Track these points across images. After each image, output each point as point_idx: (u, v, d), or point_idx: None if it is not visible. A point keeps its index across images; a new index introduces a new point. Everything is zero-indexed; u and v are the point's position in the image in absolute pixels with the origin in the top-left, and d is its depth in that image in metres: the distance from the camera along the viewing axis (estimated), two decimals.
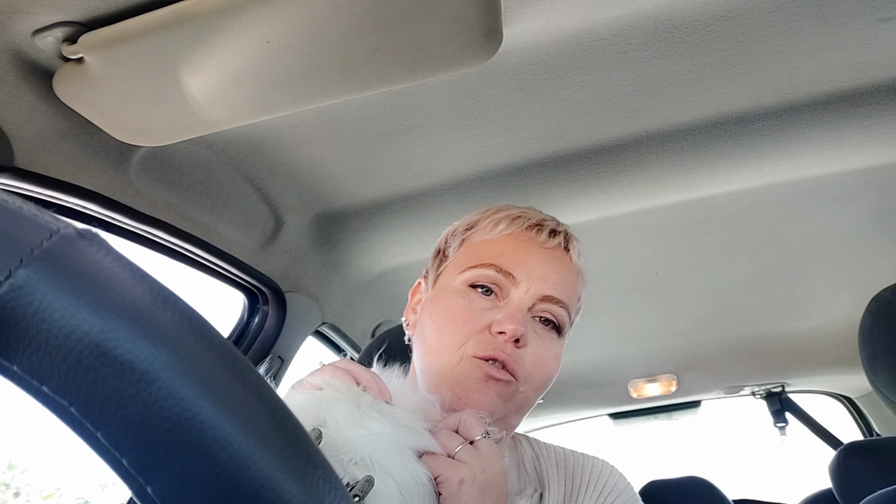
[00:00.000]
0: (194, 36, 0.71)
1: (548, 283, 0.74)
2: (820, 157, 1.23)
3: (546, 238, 0.78)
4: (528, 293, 0.73)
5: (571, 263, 0.79)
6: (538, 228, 0.78)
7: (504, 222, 0.79)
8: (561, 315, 0.75)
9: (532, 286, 0.73)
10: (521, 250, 0.76)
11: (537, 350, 0.72)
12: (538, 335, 0.73)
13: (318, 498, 0.23)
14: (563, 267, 0.77)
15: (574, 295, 0.78)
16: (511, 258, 0.75)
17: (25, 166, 0.83)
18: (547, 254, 0.77)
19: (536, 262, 0.75)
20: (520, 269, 0.74)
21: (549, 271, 0.75)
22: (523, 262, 0.75)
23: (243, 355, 0.25)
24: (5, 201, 0.23)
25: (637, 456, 3.53)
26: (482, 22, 0.73)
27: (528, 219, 0.79)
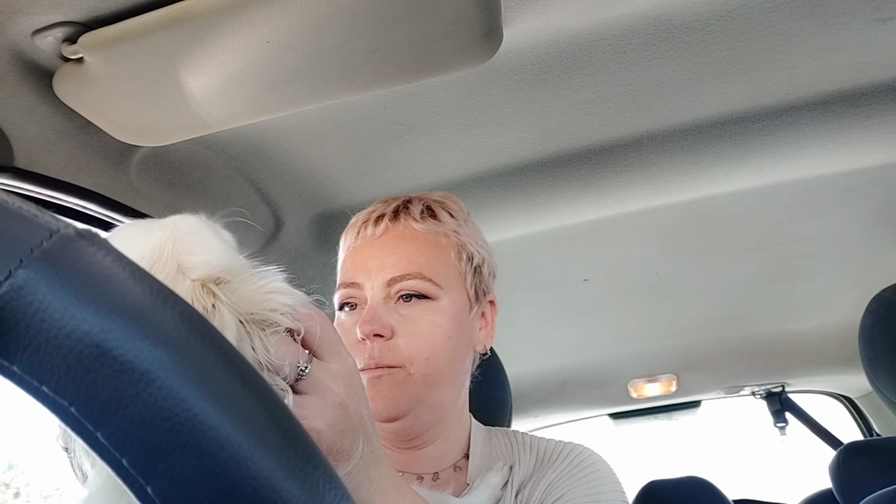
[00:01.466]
0: (194, 36, 0.71)
1: (386, 268, 0.76)
2: (820, 157, 1.23)
3: (373, 229, 0.80)
4: (374, 289, 0.76)
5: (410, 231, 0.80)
6: (365, 225, 0.81)
7: (343, 238, 0.85)
8: (414, 286, 0.76)
9: (374, 281, 0.76)
10: (358, 255, 0.80)
11: (406, 330, 0.74)
12: (404, 316, 0.75)
13: (318, 498, 0.23)
14: (398, 243, 0.79)
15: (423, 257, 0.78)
16: (352, 268, 0.79)
17: (25, 166, 0.83)
18: (379, 243, 0.79)
19: (372, 257, 0.78)
20: (359, 273, 0.78)
21: (385, 256, 0.77)
22: (361, 265, 0.78)
23: (243, 355, 0.25)
24: (5, 201, 0.23)
25: (637, 456, 3.53)
26: (482, 22, 0.73)
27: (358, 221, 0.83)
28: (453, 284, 0.79)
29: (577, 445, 0.80)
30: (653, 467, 3.02)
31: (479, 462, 0.78)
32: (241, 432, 0.22)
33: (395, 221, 0.80)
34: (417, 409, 0.74)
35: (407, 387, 0.73)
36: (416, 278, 0.76)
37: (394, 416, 0.73)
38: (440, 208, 0.83)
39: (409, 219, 0.80)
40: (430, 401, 0.75)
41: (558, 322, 1.89)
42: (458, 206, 0.86)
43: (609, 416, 2.73)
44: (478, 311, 0.83)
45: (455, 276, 0.80)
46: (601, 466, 0.76)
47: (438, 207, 0.83)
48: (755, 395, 2.48)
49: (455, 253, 0.80)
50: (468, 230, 0.84)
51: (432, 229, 0.80)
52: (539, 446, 0.80)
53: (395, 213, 0.81)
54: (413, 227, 0.80)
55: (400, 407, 0.73)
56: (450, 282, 0.78)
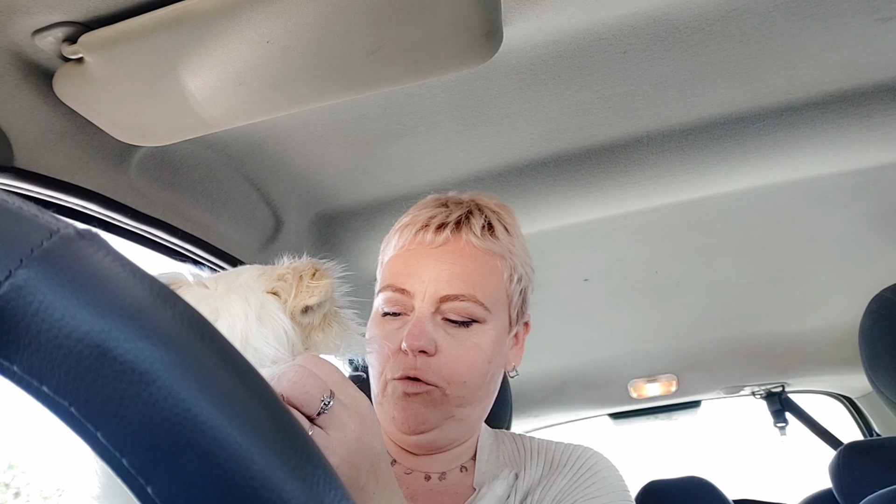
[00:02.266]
0: (194, 36, 0.71)
1: (441, 283, 0.74)
2: (820, 157, 1.23)
3: (433, 237, 0.76)
4: (425, 301, 0.73)
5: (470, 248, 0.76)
6: (424, 230, 0.77)
7: (396, 235, 0.80)
8: (466, 308, 0.74)
9: (427, 293, 0.73)
10: (412, 260, 0.77)
11: (450, 351, 0.73)
12: (450, 335, 0.73)
13: (318, 498, 0.23)
14: (456, 259, 0.75)
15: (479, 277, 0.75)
16: (403, 273, 0.76)
17: (25, 166, 0.83)
18: (437, 253, 0.76)
19: (427, 267, 0.75)
20: (412, 281, 0.75)
21: (442, 270, 0.74)
22: (414, 273, 0.75)
23: (243, 355, 0.25)
24: (5, 201, 0.23)
25: (637, 456, 3.53)
26: (482, 22, 0.73)
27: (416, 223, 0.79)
28: (501, 308, 0.77)
29: (586, 449, 0.79)
30: (653, 467, 3.02)
31: (485, 466, 0.78)
32: (241, 432, 0.22)
33: (456, 233, 0.77)
34: (445, 426, 0.74)
35: (441, 406, 0.72)
36: (469, 301, 0.74)
37: (421, 431, 0.73)
38: (498, 222, 0.80)
39: (471, 233, 0.77)
40: (458, 417, 0.75)
41: (558, 322, 1.89)
42: (513, 220, 0.83)
43: (609, 416, 2.73)
44: (514, 332, 0.82)
45: (504, 299, 0.78)
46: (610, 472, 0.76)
47: (497, 221, 0.80)
48: (755, 395, 2.49)
49: (508, 276, 0.78)
50: (519, 248, 0.82)
51: (490, 248, 0.77)
52: (547, 451, 0.80)
53: (457, 223, 0.78)
54: (473, 244, 0.77)
55: (429, 424, 0.73)
56: (498, 305, 0.76)
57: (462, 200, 0.82)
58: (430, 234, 0.77)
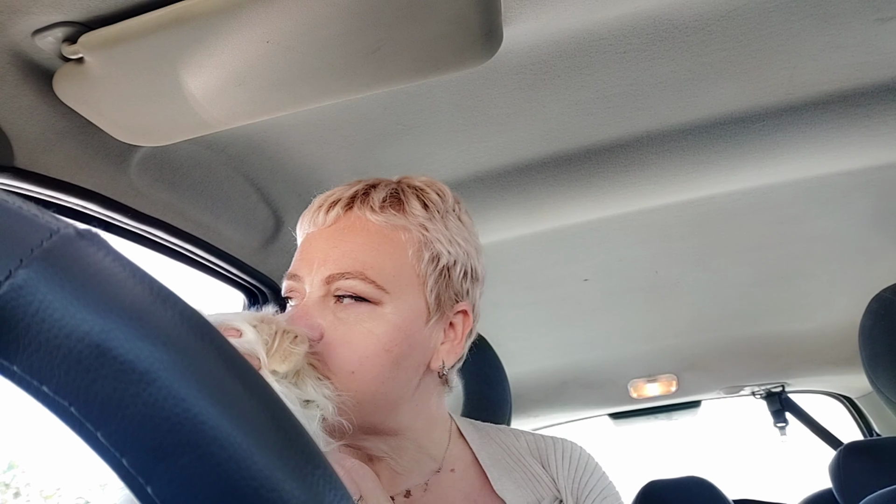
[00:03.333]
0: (194, 36, 0.71)
1: (328, 262, 0.66)
2: (820, 157, 1.23)
3: (324, 218, 0.70)
4: (312, 285, 0.67)
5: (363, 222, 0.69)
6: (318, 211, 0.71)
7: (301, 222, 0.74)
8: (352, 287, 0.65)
9: (314, 276, 0.67)
10: (305, 245, 0.71)
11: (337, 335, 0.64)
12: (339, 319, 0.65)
13: (318, 498, 0.23)
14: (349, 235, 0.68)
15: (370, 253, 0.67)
16: (297, 259, 0.70)
17: (25, 166, 0.83)
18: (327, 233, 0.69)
19: (317, 248, 0.68)
20: (301, 266, 0.68)
21: (329, 249, 0.67)
22: (304, 258, 0.69)
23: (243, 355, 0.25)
24: (5, 201, 0.23)
25: (637, 456, 3.53)
26: (482, 22, 0.73)
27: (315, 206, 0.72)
28: (405, 289, 0.67)
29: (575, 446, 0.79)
30: (653, 467, 3.02)
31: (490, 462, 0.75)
32: (241, 432, 0.22)
33: (348, 210, 0.70)
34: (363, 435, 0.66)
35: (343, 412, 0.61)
36: (355, 278, 0.65)
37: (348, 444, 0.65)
38: (413, 197, 0.71)
39: (366, 208, 0.69)
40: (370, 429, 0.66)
41: (558, 322, 1.89)
42: (441, 197, 0.73)
43: (609, 416, 2.73)
44: (439, 321, 0.70)
45: (410, 278, 0.68)
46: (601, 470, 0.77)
47: (411, 195, 0.71)
48: (755, 395, 2.49)
49: (414, 251, 0.69)
50: (443, 225, 0.71)
51: (391, 222, 0.69)
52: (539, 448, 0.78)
53: (351, 199, 0.70)
54: (367, 218, 0.69)
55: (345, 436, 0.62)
56: (401, 285, 0.67)
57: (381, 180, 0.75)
58: (322, 213, 0.70)
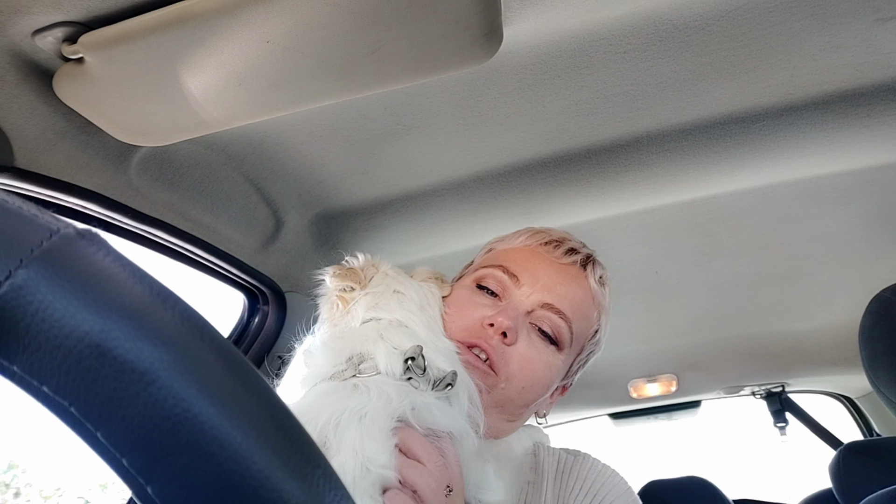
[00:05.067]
0: (194, 36, 0.71)
1: (552, 292, 0.74)
2: (820, 157, 1.23)
3: (562, 254, 0.78)
4: (529, 297, 0.73)
5: (586, 283, 0.78)
6: (556, 244, 0.79)
7: (525, 234, 0.81)
8: (559, 327, 0.74)
9: (535, 291, 0.73)
10: (533, 258, 0.77)
11: (526, 351, 0.72)
12: (531, 340, 0.73)
13: (318, 498, 0.23)
14: (573, 282, 0.76)
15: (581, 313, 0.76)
16: (521, 263, 0.76)
17: (25, 166, 0.83)
18: (559, 267, 0.77)
19: (545, 272, 0.75)
20: (526, 274, 0.74)
21: (557, 283, 0.75)
22: (532, 269, 0.75)
23: (243, 355, 0.25)
24: (5, 201, 0.23)
25: (637, 456, 3.53)
26: (482, 22, 0.73)
27: (550, 235, 0.80)
28: (573, 349, 0.78)
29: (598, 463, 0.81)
30: (653, 467, 3.02)
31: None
32: (241, 432, 0.22)
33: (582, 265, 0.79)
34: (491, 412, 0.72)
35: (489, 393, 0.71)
36: (565, 321, 0.74)
37: None
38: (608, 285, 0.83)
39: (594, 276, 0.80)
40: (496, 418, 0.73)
41: None
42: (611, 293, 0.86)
43: (609, 416, 2.73)
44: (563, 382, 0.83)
45: (579, 344, 0.79)
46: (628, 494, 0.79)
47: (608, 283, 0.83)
48: (755, 395, 2.48)
49: (594, 330, 0.80)
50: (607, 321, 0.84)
51: (598, 299, 0.80)
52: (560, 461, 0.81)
53: (586, 259, 0.80)
54: (590, 283, 0.79)
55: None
56: (574, 345, 0.78)
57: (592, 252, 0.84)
58: (561, 251, 0.78)
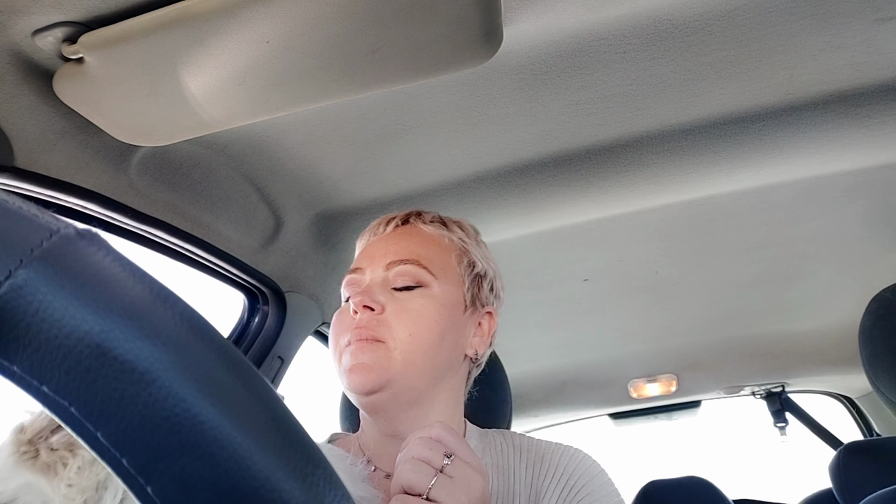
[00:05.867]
0: (194, 36, 0.71)
1: (389, 254, 0.81)
2: (820, 157, 1.23)
3: (384, 228, 0.86)
4: (374, 271, 0.80)
5: (418, 230, 0.85)
6: (377, 226, 0.87)
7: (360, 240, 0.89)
8: (408, 271, 0.79)
9: (375, 264, 0.80)
10: (366, 248, 0.85)
11: (396, 308, 0.76)
12: (397, 298, 0.78)
13: (318, 498, 0.23)
14: (405, 237, 0.84)
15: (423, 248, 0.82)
16: (358, 258, 0.84)
17: (25, 166, 0.83)
18: (387, 237, 0.85)
19: (377, 247, 0.83)
20: (364, 260, 0.82)
21: (390, 246, 0.82)
22: (367, 255, 0.83)
23: (243, 355, 0.25)
24: (5, 201, 0.23)
25: (637, 456, 3.53)
26: (482, 22, 0.73)
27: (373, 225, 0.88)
28: (449, 279, 0.81)
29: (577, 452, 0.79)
30: (653, 467, 3.02)
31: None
32: (241, 432, 0.22)
33: (405, 224, 0.86)
34: (393, 387, 0.74)
35: (386, 362, 0.73)
36: (411, 264, 0.79)
37: (370, 389, 0.73)
38: (452, 223, 0.88)
39: (419, 221, 0.86)
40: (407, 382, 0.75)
41: (558, 322, 1.89)
42: (472, 228, 0.90)
43: (609, 416, 2.73)
44: (472, 314, 0.84)
45: (452, 273, 0.82)
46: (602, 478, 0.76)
47: (450, 222, 0.88)
48: (755, 395, 2.48)
49: (456, 255, 0.84)
50: (476, 246, 0.88)
51: (438, 231, 0.85)
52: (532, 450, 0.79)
53: (406, 216, 0.87)
54: (420, 228, 0.85)
55: (377, 380, 0.73)
56: (445, 276, 0.81)
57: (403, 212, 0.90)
58: (382, 227, 0.86)
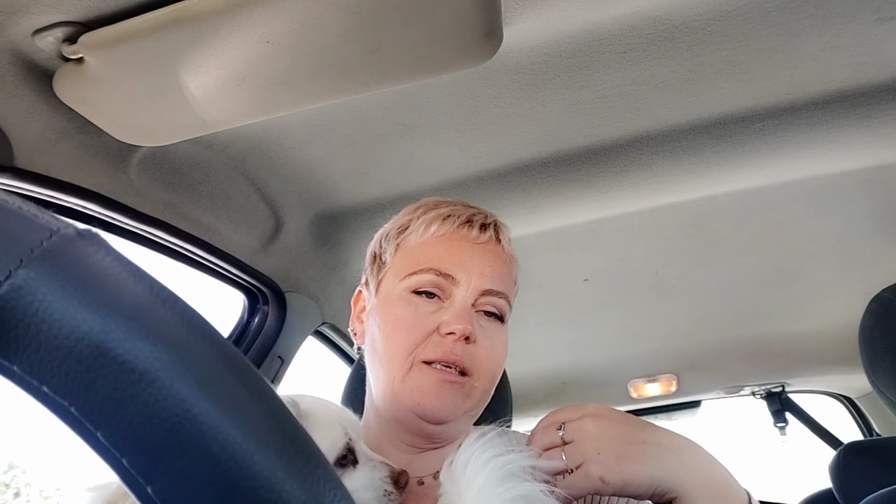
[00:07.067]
0: (194, 36, 0.71)
1: (485, 277, 0.77)
2: (820, 157, 1.23)
3: (478, 233, 0.80)
4: (469, 290, 0.75)
5: (504, 253, 0.82)
6: (469, 225, 0.80)
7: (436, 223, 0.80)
8: (502, 305, 0.78)
9: (472, 283, 0.76)
10: (456, 249, 0.78)
11: (486, 343, 0.75)
12: (484, 328, 0.76)
13: (317, 498, 0.23)
14: (497, 259, 0.80)
15: (510, 282, 0.82)
16: (448, 259, 0.77)
17: (25, 166, 0.83)
18: (481, 249, 0.79)
19: (472, 259, 0.77)
20: (458, 269, 0.76)
21: (486, 266, 0.78)
22: (460, 262, 0.77)
23: (243, 355, 0.25)
24: (5, 201, 0.23)
25: None
26: (482, 22, 0.73)
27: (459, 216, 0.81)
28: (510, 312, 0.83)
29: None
30: None
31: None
32: (241, 432, 0.22)
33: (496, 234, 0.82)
34: (461, 420, 0.74)
35: (467, 399, 0.73)
36: (504, 299, 0.78)
37: (443, 420, 0.72)
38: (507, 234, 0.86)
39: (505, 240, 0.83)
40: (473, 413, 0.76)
41: (558, 322, 1.89)
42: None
43: None
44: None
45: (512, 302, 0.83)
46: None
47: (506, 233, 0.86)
48: (755, 395, 2.48)
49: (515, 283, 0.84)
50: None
51: (513, 256, 0.83)
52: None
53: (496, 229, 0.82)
54: (505, 248, 0.82)
55: (455, 414, 0.72)
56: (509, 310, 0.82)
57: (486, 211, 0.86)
58: (476, 230, 0.80)
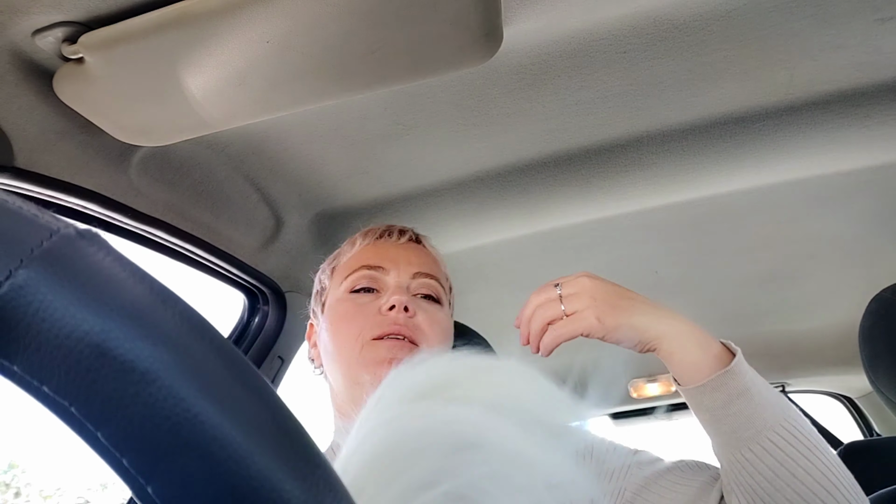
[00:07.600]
0: (194, 36, 0.71)
1: (413, 264, 0.85)
2: (820, 157, 1.23)
3: (397, 237, 0.90)
4: (400, 275, 0.83)
5: (427, 250, 0.91)
6: (388, 233, 0.90)
7: (360, 239, 0.91)
8: (435, 287, 0.85)
9: (401, 269, 0.83)
10: (381, 248, 0.87)
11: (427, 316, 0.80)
12: (424, 308, 0.81)
13: (317, 498, 0.23)
14: (420, 252, 0.89)
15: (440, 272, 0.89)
16: (375, 256, 0.86)
17: (25, 166, 0.83)
18: (402, 246, 0.89)
19: (398, 254, 0.86)
20: (386, 260, 0.84)
21: (411, 256, 0.87)
22: (386, 256, 0.85)
23: (244, 355, 0.25)
24: (5, 201, 0.23)
25: None
26: (482, 22, 0.73)
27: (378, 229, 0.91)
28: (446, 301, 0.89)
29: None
30: None
31: None
32: (242, 432, 0.22)
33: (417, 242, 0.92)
34: None
35: None
36: (435, 280, 0.85)
37: None
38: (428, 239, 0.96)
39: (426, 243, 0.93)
40: None
41: None
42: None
43: (609, 416, 2.72)
44: None
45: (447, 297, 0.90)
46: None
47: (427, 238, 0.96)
48: None
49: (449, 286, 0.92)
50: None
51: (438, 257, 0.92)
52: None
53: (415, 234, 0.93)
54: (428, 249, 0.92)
55: None
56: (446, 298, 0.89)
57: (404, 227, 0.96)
58: (395, 235, 0.90)
